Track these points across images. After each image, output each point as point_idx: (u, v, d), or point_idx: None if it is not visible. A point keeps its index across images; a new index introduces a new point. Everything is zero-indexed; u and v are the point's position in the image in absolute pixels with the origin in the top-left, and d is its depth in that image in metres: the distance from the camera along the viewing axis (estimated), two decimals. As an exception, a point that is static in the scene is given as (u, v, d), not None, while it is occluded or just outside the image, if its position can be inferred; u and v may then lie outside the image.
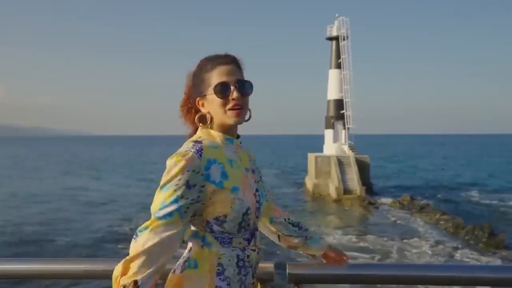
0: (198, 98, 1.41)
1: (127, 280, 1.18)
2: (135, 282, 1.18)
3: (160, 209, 1.23)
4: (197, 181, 1.26)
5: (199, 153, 1.28)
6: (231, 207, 1.30)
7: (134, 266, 1.19)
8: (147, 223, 1.25)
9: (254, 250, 1.40)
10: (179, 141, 1.44)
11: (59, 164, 60.09)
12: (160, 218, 1.23)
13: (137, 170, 49.80)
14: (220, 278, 1.31)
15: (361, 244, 17.03)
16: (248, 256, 1.37)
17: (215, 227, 1.32)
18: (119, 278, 1.19)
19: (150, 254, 1.21)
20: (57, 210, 23.86)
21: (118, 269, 1.21)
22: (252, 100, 1.46)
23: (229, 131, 1.41)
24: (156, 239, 1.21)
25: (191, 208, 1.26)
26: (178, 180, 1.23)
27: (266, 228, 1.64)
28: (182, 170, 1.23)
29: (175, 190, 1.23)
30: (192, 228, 1.37)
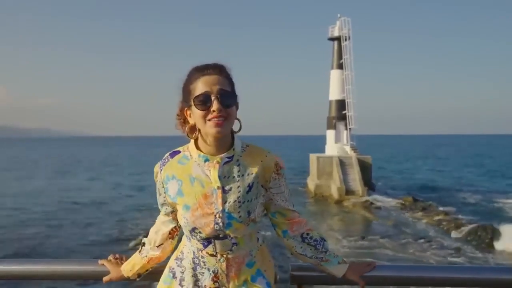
0: (186, 109, 1.44)
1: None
2: (143, 242, 1.64)
3: None
4: (162, 190, 1.50)
5: (161, 168, 1.48)
6: (181, 221, 1.47)
7: None
8: None
9: (213, 256, 1.45)
10: (178, 142, 1.51)
11: (60, 165, 60.25)
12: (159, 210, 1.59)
13: (135, 171, 49.87)
14: (176, 262, 1.54)
15: (363, 245, 17.01)
16: (203, 257, 1.47)
17: None
18: None
19: (153, 228, 1.62)
20: (54, 212, 23.92)
21: None
22: (254, 100, 1.50)
23: (215, 143, 1.41)
24: (156, 222, 1.61)
25: (169, 208, 1.52)
26: (156, 186, 1.52)
27: (281, 240, 1.59)
28: (155, 179, 1.51)
29: (156, 193, 1.54)
30: None
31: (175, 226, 1.57)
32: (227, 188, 1.41)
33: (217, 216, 1.40)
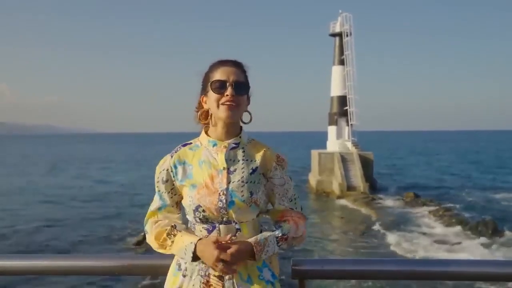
0: (202, 96, 1.58)
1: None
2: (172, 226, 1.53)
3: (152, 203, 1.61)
4: (170, 175, 1.55)
5: (172, 155, 1.57)
6: (186, 202, 1.52)
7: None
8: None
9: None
10: (179, 139, 1.53)
11: (60, 161, 60.27)
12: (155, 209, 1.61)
13: (135, 167, 49.91)
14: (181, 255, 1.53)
15: (365, 240, 17.03)
16: None
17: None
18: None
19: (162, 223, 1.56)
20: (53, 208, 23.98)
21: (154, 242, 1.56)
22: (256, 97, 1.61)
23: (224, 129, 1.54)
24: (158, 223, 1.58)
25: (175, 197, 1.57)
26: (159, 176, 1.57)
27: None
28: (159, 170, 1.57)
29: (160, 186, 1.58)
30: None
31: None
32: (232, 169, 1.52)
33: (221, 193, 1.47)
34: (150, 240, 1.57)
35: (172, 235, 1.51)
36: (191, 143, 1.60)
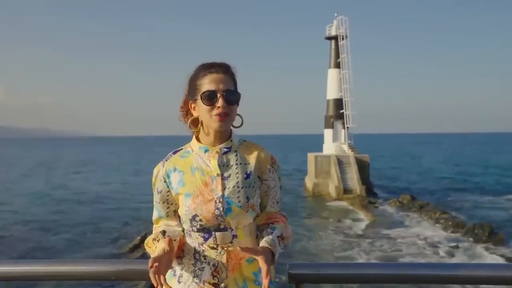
0: (191, 102, 1.54)
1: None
2: (162, 232, 1.51)
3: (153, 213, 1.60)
4: (165, 185, 1.53)
5: (163, 164, 1.54)
6: (182, 211, 1.49)
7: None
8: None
9: (214, 249, 1.47)
10: (180, 141, 1.52)
11: (60, 165, 60.09)
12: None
13: (134, 170, 49.82)
14: (177, 261, 1.52)
15: (361, 243, 17.03)
16: (204, 251, 1.47)
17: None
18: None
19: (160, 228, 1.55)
20: (51, 211, 23.87)
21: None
22: (252, 98, 1.55)
23: (216, 135, 1.51)
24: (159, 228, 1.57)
25: (172, 206, 1.54)
26: (154, 186, 1.56)
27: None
28: (154, 179, 1.55)
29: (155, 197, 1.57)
30: None
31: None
32: (226, 175, 1.49)
33: (217, 201, 1.45)
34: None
35: (156, 241, 1.49)
36: (181, 149, 1.58)
